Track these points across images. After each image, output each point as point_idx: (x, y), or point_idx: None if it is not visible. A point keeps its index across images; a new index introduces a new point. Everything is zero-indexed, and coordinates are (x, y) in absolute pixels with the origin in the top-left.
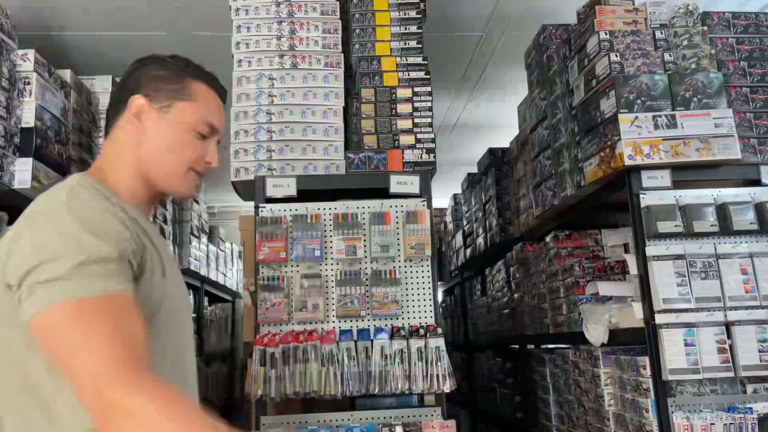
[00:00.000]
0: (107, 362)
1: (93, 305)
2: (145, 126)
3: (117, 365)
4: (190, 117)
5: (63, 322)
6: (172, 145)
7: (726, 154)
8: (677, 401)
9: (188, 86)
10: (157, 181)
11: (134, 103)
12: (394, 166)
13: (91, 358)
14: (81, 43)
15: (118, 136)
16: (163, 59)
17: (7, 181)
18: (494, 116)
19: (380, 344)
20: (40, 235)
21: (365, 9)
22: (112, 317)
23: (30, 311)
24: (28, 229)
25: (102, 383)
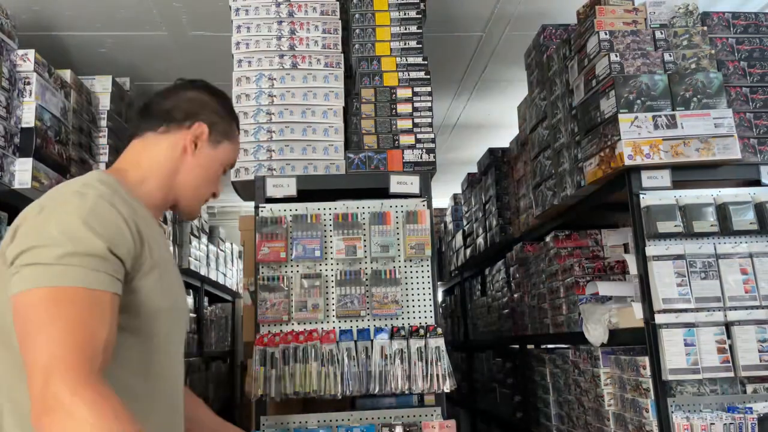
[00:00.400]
0: (62, 354)
1: (67, 296)
2: (197, 153)
3: (71, 359)
4: (228, 157)
5: (35, 306)
6: (210, 177)
7: (726, 154)
8: (677, 401)
9: (234, 130)
10: (181, 201)
11: (198, 130)
12: (394, 166)
13: (47, 346)
14: (81, 43)
15: (160, 148)
16: (217, 92)
17: (7, 181)
18: (494, 116)
19: (380, 344)
20: (43, 220)
21: (365, 9)
22: (82, 311)
23: (13, 290)
24: (36, 212)
25: (51, 373)
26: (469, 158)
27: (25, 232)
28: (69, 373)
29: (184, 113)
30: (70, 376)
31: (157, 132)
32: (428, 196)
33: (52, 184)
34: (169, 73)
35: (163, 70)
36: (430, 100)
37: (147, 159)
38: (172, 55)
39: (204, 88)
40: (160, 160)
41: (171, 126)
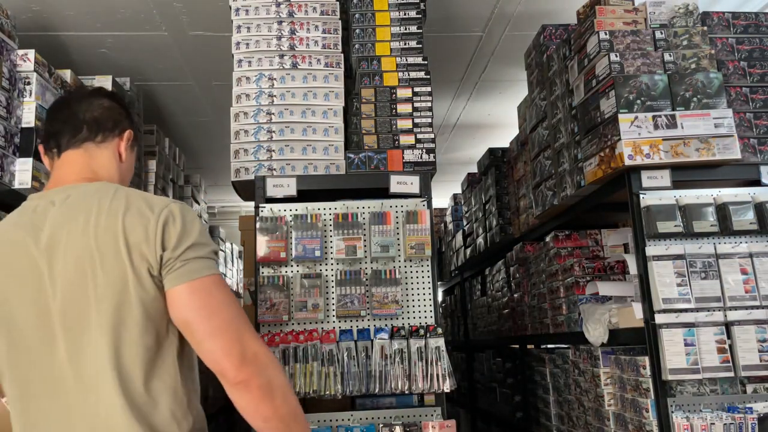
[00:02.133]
0: (242, 321)
1: (223, 281)
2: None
3: (248, 324)
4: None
5: (209, 289)
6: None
7: (726, 154)
8: (677, 401)
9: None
10: None
11: (128, 137)
12: (394, 166)
13: (229, 316)
14: (81, 43)
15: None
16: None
17: (7, 181)
18: (494, 116)
19: (380, 344)
20: (189, 222)
21: (365, 9)
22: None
23: (181, 278)
24: (174, 215)
25: (242, 334)
26: (469, 158)
27: (180, 230)
28: (253, 334)
29: (112, 122)
30: (254, 336)
31: (95, 142)
32: (428, 196)
33: None
34: (169, 73)
35: (163, 70)
36: (430, 100)
37: (100, 168)
38: (172, 55)
39: (111, 96)
40: (110, 169)
41: (106, 135)
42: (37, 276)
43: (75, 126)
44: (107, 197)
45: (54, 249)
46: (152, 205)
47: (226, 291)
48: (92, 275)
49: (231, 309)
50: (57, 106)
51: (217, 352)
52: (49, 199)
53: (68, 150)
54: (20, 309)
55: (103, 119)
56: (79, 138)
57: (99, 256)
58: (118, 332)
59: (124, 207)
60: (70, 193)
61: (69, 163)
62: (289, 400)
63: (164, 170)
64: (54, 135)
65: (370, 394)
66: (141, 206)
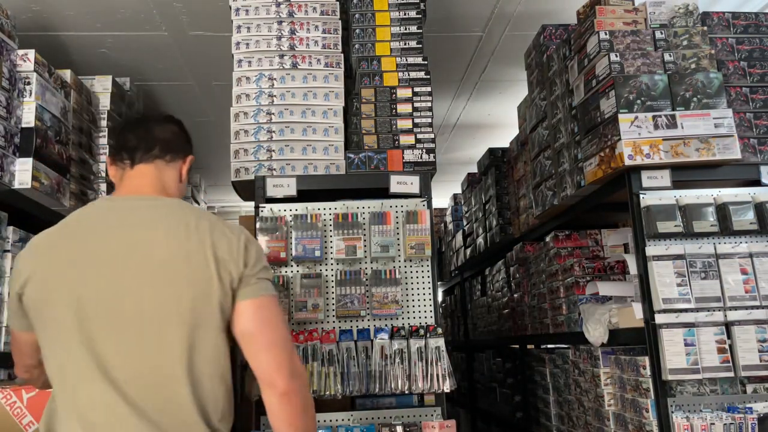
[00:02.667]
0: (291, 340)
1: (279, 303)
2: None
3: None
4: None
5: (271, 307)
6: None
7: (726, 154)
8: (677, 401)
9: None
10: None
11: (190, 161)
12: (394, 166)
13: (285, 334)
14: (81, 43)
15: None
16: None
17: (7, 181)
18: (494, 116)
19: (380, 344)
20: (259, 248)
21: (365, 9)
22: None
23: (253, 294)
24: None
25: (292, 352)
26: (469, 158)
27: (256, 255)
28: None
29: (179, 146)
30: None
31: (164, 160)
32: (428, 196)
33: (52, 184)
34: (169, 73)
35: (163, 70)
36: (430, 100)
37: (167, 184)
38: (172, 55)
39: (179, 124)
40: (174, 186)
41: (173, 156)
42: (112, 270)
43: (149, 144)
44: (193, 215)
45: (135, 249)
46: (231, 228)
47: (281, 311)
48: (176, 279)
49: (286, 328)
50: (133, 125)
51: (272, 363)
52: (128, 203)
53: (141, 163)
54: (91, 298)
55: (173, 142)
56: (151, 155)
57: (187, 263)
58: (195, 332)
59: (210, 226)
60: (153, 204)
61: (142, 175)
62: (314, 418)
63: None
64: (128, 149)
65: (370, 394)
66: (223, 228)
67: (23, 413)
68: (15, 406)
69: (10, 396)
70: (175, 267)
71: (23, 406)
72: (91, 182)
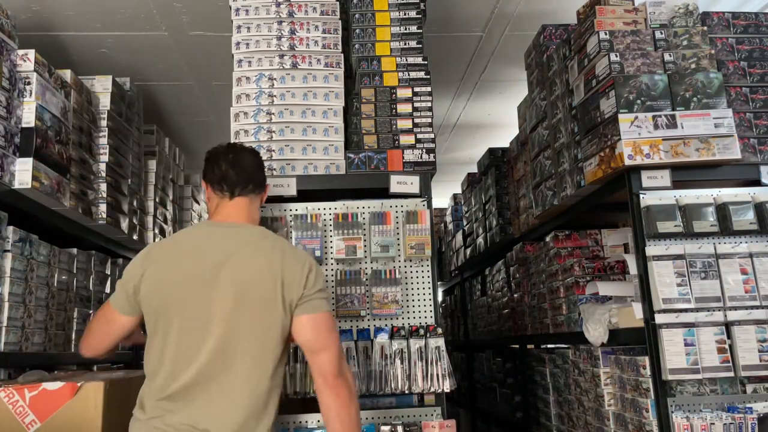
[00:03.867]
0: (342, 352)
1: (332, 316)
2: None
3: (344, 356)
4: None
5: (328, 321)
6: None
7: (726, 154)
8: (677, 401)
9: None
10: None
11: (267, 192)
12: (394, 166)
13: (337, 344)
14: (81, 43)
15: (256, 206)
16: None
17: (7, 181)
18: (494, 116)
19: (380, 344)
20: (320, 274)
21: (365, 9)
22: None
23: (314, 310)
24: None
25: (341, 357)
26: (469, 158)
27: (316, 278)
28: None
29: (262, 181)
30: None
31: (255, 193)
32: (428, 196)
33: (52, 184)
34: (169, 73)
35: (163, 70)
36: (430, 100)
37: (253, 213)
38: (172, 55)
39: (257, 155)
40: (257, 214)
41: (260, 190)
42: (204, 283)
43: (247, 181)
44: (268, 241)
45: (222, 268)
46: (298, 256)
47: (334, 323)
48: (251, 296)
49: (337, 335)
50: (231, 159)
51: (326, 360)
52: (225, 229)
53: (239, 197)
54: (186, 306)
55: (261, 179)
56: (247, 190)
57: (260, 283)
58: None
59: (281, 253)
60: (243, 231)
61: (239, 207)
62: (358, 413)
63: (164, 170)
64: (229, 182)
65: (370, 394)
66: (292, 255)
67: (25, 412)
68: (17, 404)
69: (12, 395)
70: (250, 288)
71: (26, 405)
72: (91, 182)
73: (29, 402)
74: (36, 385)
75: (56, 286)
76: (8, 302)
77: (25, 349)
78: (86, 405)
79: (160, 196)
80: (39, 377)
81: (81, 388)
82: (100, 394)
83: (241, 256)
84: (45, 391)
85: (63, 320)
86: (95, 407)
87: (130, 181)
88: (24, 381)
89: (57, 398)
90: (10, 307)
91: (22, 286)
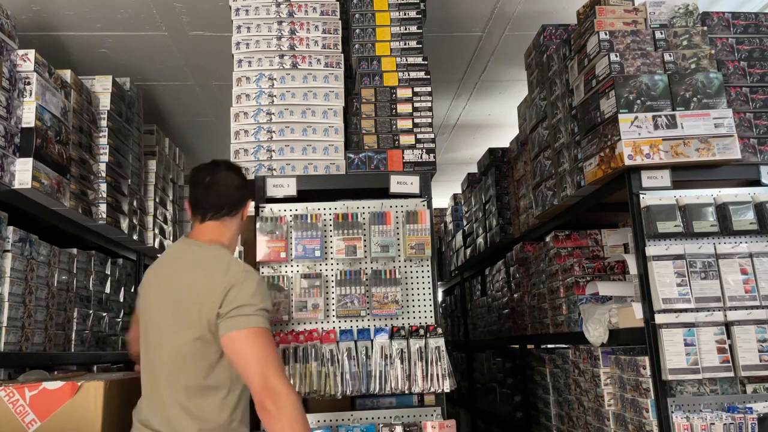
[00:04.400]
0: (270, 365)
1: (260, 332)
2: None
3: (275, 368)
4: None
5: (243, 340)
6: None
7: (726, 154)
8: (677, 401)
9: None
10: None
11: (246, 211)
12: (394, 166)
13: (260, 362)
14: (81, 43)
15: (231, 228)
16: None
17: (7, 181)
18: (494, 116)
19: (380, 344)
20: (246, 287)
21: (365, 9)
22: (268, 341)
23: (226, 330)
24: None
25: (270, 374)
26: (469, 158)
27: (239, 294)
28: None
29: (240, 201)
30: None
31: (230, 216)
32: (428, 196)
33: (53, 184)
34: (169, 73)
35: (163, 70)
36: (430, 100)
37: (224, 236)
38: (172, 55)
39: (238, 171)
40: (228, 236)
41: (237, 210)
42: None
43: (219, 206)
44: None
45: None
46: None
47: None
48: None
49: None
50: (205, 183)
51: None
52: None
53: (210, 221)
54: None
55: (237, 200)
56: (219, 214)
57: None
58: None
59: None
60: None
61: (207, 230)
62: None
63: (164, 170)
64: (201, 207)
65: (370, 394)
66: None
67: (26, 411)
68: (18, 404)
69: (12, 394)
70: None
71: (26, 404)
72: (91, 182)
73: (29, 401)
74: (36, 385)
75: (56, 286)
76: (8, 302)
77: (25, 349)
78: (86, 404)
79: (160, 196)
80: (39, 377)
81: (81, 387)
82: (100, 393)
83: (181, 273)
84: (45, 390)
85: (63, 320)
86: (95, 406)
87: (130, 181)
88: (24, 380)
89: (57, 397)
90: (10, 307)
91: (22, 286)
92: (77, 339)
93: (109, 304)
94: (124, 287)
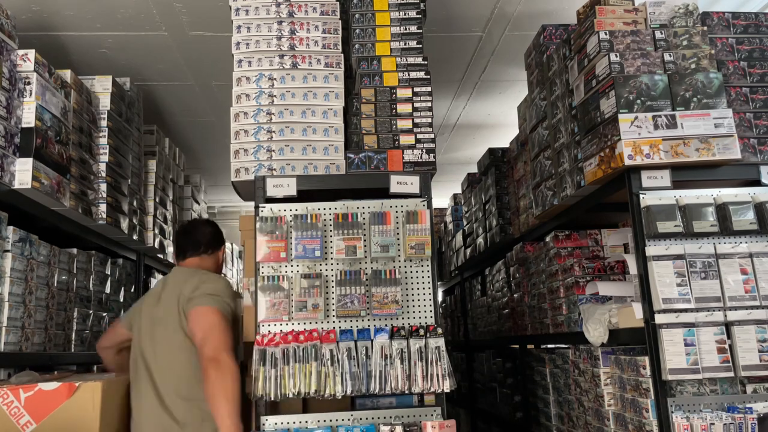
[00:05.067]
0: (222, 340)
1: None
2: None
3: (225, 344)
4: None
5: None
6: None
7: (726, 154)
8: (677, 401)
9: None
10: None
11: (223, 253)
12: (394, 166)
13: (214, 335)
14: (81, 43)
15: (209, 263)
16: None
17: (7, 181)
18: (494, 116)
19: (380, 344)
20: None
21: (365, 9)
22: (225, 322)
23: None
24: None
25: (219, 347)
26: (469, 158)
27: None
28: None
29: (215, 243)
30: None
31: (208, 254)
32: (428, 196)
33: (53, 184)
34: (169, 73)
35: (163, 70)
36: (430, 100)
37: (207, 265)
38: (172, 55)
39: (213, 224)
40: (211, 264)
41: (213, 250)
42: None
43: (197, 246)
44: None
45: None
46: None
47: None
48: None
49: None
50: (186, 233)
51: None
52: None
53: (190, 258)
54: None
55: (213, 242)
56: (198, 252)
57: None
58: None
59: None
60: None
61: (188, 263)
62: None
63: (164, 170)
64: (181, 248)
65: (370, 394)
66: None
67: (21, 413)
68: (12, 405)
69: (7, 395)
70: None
71: (20, 405)
72: (91, 182)
73: (24, 403)
74: (32, 386)
75: (56, 286)
76: (8, 302)
77: (25, 349)
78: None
79: (160, 196)
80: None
81: (79, 388)
82: (98, 394)
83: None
84: (41, 391)
85: (63, 320)
86: (93, 407)
87: (130, 181)
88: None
89: (53, 399)
90: (10, 307)
91: (22, 286)
92: (77, 339)
93: (109, 304)
94: (124, 287)
